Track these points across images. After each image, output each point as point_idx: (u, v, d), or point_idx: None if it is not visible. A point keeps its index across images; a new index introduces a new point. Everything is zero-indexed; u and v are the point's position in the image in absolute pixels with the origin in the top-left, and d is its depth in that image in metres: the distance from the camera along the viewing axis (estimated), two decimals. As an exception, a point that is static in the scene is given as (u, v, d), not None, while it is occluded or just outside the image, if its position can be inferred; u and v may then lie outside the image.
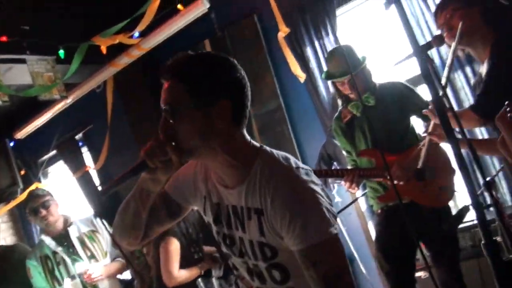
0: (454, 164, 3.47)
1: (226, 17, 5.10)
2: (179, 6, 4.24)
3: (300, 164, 1.72)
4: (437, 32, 3.07)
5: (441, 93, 3.02)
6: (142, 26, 4.05)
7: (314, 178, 1.68)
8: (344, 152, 3.95)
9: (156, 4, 3.75)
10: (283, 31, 3.72)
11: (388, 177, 3.47)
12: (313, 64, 4.69)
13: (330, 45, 4.60)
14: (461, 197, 4.02)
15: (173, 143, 1.62)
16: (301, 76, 3.81)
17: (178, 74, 1.64)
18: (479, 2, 2.92)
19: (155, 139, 1.65)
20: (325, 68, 4.47)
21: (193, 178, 1.90)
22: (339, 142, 3.91)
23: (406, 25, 1.67)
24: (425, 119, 3.31)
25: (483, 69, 2.88)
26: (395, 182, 3.47)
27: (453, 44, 2.83)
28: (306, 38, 4.71)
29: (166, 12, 4.29)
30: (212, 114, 1.61)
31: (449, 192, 3.55)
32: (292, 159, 1.72)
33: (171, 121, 1.62)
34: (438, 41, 2.86)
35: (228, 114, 1.63)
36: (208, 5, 4.20)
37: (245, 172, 1.70)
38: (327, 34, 4.63)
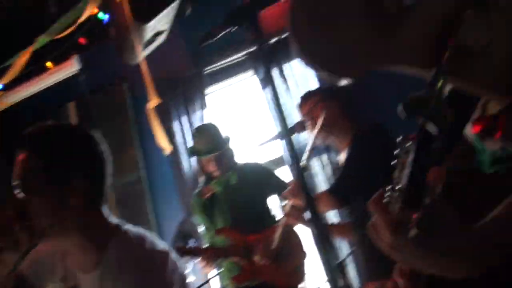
0: (305, 246, 3.60)
1: (96, 81, 5.01)
2: (49, 64, 4.11)
3: (157, 246, 1.64)
4: (300, 119, 3.27)
5: (299, 175, 3.21)
6: (6, 79, 3.86)
7: (171, 261, 1.60)
8: (201, 231, 3.95)
9: (25, 58, 3.62)
10: (153, 102, 3.74)
11: (245, 257, 3.51)
12: (178, 139, 4.71)
13: (197, 121, 4.68)
14: (312, 278, 4.13)
15: (23, 221, 1.49)
16: (167, 149, 3.83)
17: (34, 147, 1.56)
18: (339, 96, 3.19)
19: (2, 215, 1.53)
20: (190, 144, 4.53)
21: (51, 258, 1.73)
22: (197, 219, 3.90)
23: (278, 108, 1.75)
24: (284, 199, 3.44)
25: (342, 157, 3.08)
26: (256, 262, 3.51)
27: (314, 132, 3.03)
28: (174, 113, 4.76)
29: (35, 68, 4.15)
30: (66, 192, 1.53)
31: (302, 274, 3.64)
32: (149, 240, 1.64)
33: (22, 196, 1.51)
34: (300, 127, 3.05)
35: (83, 192, 1.56)
36: (79, 67, 4.12)
37: (99, 256, 1.59)
38: (195, 111, 4.72)
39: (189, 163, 4.67)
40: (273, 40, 4.70)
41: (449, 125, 0.95)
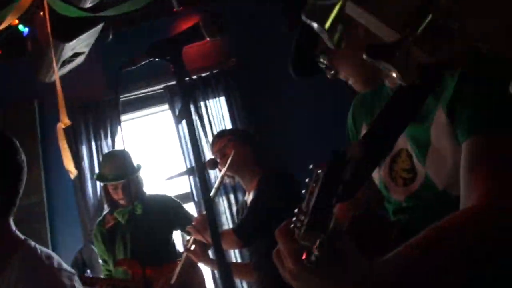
0: (208, 284, 3.59)
1: (5, 94, 4.83)
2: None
3: (64, 266, 1.60)
4: (211, 156, 3.32)
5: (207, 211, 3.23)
6: None
7: (77, 283, 1.58)
8: (100, 260, 3.84)
9: None
10: (64, 123, 3.63)
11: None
12: (85, 163, 4.61)
13: (107, 148, 4.61)
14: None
15: None
16: (73, 172, 3.70)
17: None
18: (251, 140, 3.29)
19: None
20: (97, 170, 4.44)
21: None
22: (97, 248, 3.77)
23: (193, 143, 1.77)
24: (187, 234, 3.43)
25: (248, 198, 3.14)
26: None
27: (223, 170, 3.09)
28: (84, 137, 4.67)
29: None
30: None
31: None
32: (56, 259, 1.60)
33: None
34: (211, 164, 3.09)
35: None
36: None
37: (2, 266, 1.54)
38: (106, 137, 4.65)
39: (94, 190, 4.56)
40: (193, 77, 4.76)
41: (359, 159, 1.00)
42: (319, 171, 0.96)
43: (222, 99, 4.82)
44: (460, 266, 1.04)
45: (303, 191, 0.99)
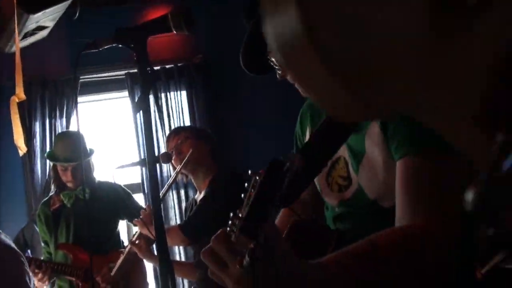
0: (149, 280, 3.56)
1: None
2: None
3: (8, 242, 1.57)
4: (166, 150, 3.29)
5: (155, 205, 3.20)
6: None
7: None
8: (42, 242, 3.75)
9: None
10: (19, 97, 3.52)
11: (83, 279, 3.39)
12: (37, 141, 4.50)
13: (60, 127, 4.52)
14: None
15: None
16: (23, 149, 3.60)
17: None
18: (209, 139, 3.29)
19: None
20: (48, 149, 4.34)
21: None
22: (39, 229, 3.68)
23: (149, 135, 1.75)
24: (134, 226, 3.39)
25: (199, 196, 3.14)
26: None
27: (178, 168, 3.08)
28: (39, 113, 4.55)
29: None
30: None
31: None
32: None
33: None
34: (165, 158, 3.06)
35: None
36: None
37: None
38: (61, 116, 4.56)
39: (43, 169, 4.46)
40: (157, 67, 4.72)
41: (297, 169, 1.00)
42: (257, 177, 0.96)
43: (184, 93, 4.80)
44: (390, 283, 1.06)
45: (242, 196, 0.99)
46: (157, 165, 3.68)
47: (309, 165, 1.17)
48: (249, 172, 1.03)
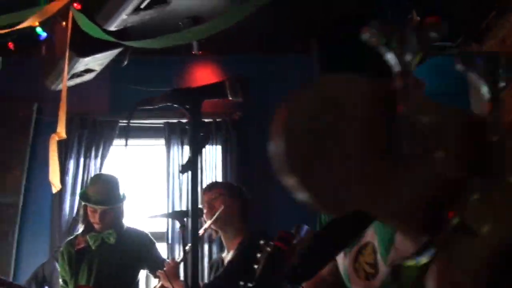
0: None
1: (8, 91, 4.81)
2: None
3: None
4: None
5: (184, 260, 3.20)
6: None
7: None
8: (60, 281, 3.74)
9: None
10: (60, 136, 3.60)
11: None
12: (69, 178, 4.55)
13: (94, 168, 4.58)
14: None
15: None
16: (57, 187, 3.65)
17: None
18: (242, 197, 3.29)
19: None
20: (79, 188, 4.39)
21: None
22: (60, 267, 3.65)
23: (194, 193, 1.76)
24: (155, 278, 3.37)
25: (227, 256, 3.12)
26: None
27: (208, 222, 3.08)
28: (74, 152, 4.63)
29: None
30: None
31: None
32: None
33: None
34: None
35: None
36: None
37: None
38: (96, 157, 4.62)
39: (71, 207, 4.49)
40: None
41: (308, 246, 0.99)
42: (267, 249, 0.96)
43: (219, 148, 4.83)
44: None
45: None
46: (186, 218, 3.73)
47: (320, 249, 1.17)
48: (261, 242, 1.03)
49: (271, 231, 3.16)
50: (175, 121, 4.80)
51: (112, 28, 3.47)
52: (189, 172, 4.51)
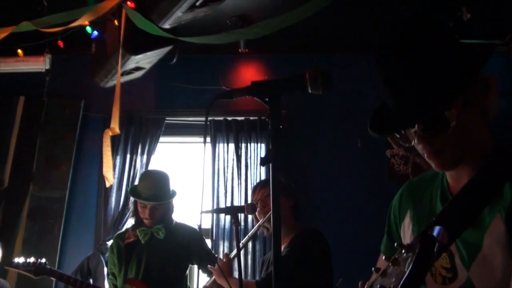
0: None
1: (56, 88, 4.88)
2: (19, 51, 4.04)
3: None
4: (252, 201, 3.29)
5: (233, 254, 3.20)
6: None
7: None
8: (106, 273, 3.77)
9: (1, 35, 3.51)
10: (113, 131, 3.64)
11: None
12: (116, 174, 4.59)
13: (140, 164, 4.62)
14: None
15: None
16: (110, 181, 3.69)
17: None
18: (294, 195, 3.26)
19: None
20: (125, 184, 4.44)
21: None
22: (109, 260, 3.68)
23: (274, 188, 1.74)
24: (207, 272, 3.38)
25: (278, 251, 3.09)
26: None
27: (261, 220, 3.06)
28: (121, 148, 4.67)
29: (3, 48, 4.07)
30: None
31: None
32: None
33: None
34: (250, 209, 3.05)
35: None
36: (47, 66, 4.05)
37: None
38: (143, 153, 4.66)
39: (117, 202, 4.53)
40: (240, 118, 4.81)
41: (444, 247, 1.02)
42: (403, 251, 0.94)
43: (263, 146, 4.83)
44: None
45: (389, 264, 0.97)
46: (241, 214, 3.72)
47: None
48: (395, 244, 1.01)
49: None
50: (221, 118, 4.82)
51: (167, 26, 3.50)
52: (235, 169, 4.52)
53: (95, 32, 4.16)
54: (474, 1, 4.42)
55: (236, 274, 3.13)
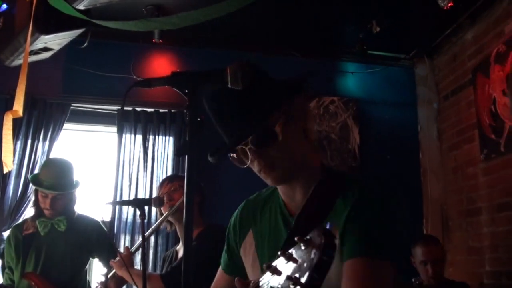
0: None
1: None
2: None
3: None
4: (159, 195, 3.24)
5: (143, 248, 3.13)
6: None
7: None
8: (1, 266, 3.56)
9: None
10: (15, 114, 3.40)
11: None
12: (15, 160, 4.28)
13: (42, 151, 4.40)
14: None
15: None
16: (9, 167, 3.43)
17: None
18: (200, 191, 3.26)
19: None
20: (24, 170, 4.22)
21: None
22: (6, 253, 3.45)
23: (189, 182, 1.71)
24: (107, 266, 3.28)
25: (181, 248, 3.08)
26: None
27: (166, 214, 3.04)
28: (22, 133, 4.40)
29: None
30: None
31: None
32: None
33: None
34: (158, 202, 3.00)
35: None
36: None
37: None
38: (45, 140, 4.43)
39: (15, 191, 4.26)
40: (149, 110, 4.73)
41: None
42: (301, 244, 0.96)
43: (171, 139, 4.76)
44: None
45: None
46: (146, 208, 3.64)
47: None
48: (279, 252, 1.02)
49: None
50: (129, 108, 4.68)
51: (81, 6, 3.35)
52: (141, 161, 4.43)
53: (4, 6, 3.90)
54: (384, 17, 4.61)
55: (136, 267, 3.09)
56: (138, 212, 2.84)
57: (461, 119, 4.89)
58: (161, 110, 4.73)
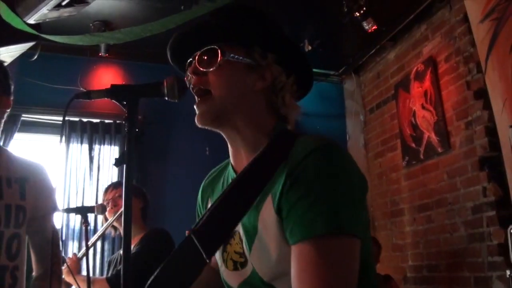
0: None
1: None
2: None
3: None
4: (102, 202, 3.19)
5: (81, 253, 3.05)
6: None
7: None
8: None
9: None
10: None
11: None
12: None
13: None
14: None
15: None
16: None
17: None
18: (143, 197, 3.23)
19: None
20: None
21: None
22: None
23: (128, 192, 1.68)
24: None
25: (125, 251, 3.03)
26: None
27: (111, 219, 2.99)
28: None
29: None
30: None
31: None
32: None
33: None
34: (100, 209, 2.95)
35: None
36: None
37: None
38: (-7, 149, 4.28)
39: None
40: (95, 120, 4.64)
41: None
42: None
43: (116, 148, 4.69)
44: None
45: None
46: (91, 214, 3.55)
47: (205, 242, 1.15)
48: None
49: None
50: (76, 119, 4.59)
51: (31, 21, 3.28)
52: (87, 170, 4.34)
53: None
54: (315, 37, 4.72)
55: (84, 273, 3.01)
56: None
57: (385, 130, 5.05)
58: (106, 121, 4.68)
